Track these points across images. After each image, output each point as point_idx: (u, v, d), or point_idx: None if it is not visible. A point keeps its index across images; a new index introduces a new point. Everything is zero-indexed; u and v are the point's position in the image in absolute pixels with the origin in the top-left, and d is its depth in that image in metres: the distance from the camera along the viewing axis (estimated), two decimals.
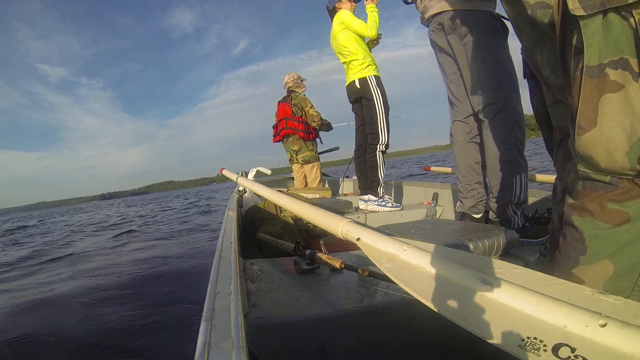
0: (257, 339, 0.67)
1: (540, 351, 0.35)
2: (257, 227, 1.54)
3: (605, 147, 0.48)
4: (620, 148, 0.47)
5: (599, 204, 0.51)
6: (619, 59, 0.46)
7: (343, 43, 2.23)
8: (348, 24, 2.20)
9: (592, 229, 0.52)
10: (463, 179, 1.51)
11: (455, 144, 1.51)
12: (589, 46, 0.48)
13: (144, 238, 4.84)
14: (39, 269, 3.41)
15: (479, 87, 1.33)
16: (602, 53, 0.48)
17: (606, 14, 0.47)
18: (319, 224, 0.80)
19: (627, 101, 0.46)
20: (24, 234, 8.36)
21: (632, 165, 0.47)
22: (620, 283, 0.50)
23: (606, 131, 0.48)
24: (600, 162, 0.49)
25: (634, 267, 0.49)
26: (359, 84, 2.20)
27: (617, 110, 0.47)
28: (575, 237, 0.54)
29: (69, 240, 5.80)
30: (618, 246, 0.50)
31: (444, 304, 0.45)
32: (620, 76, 0.46)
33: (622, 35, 0.46)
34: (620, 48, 0.46)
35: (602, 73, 0.48)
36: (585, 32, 0.48)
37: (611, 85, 0.47)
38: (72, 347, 1.51)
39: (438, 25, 1.40)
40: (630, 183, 0.48)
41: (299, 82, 3.39)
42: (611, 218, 0.50)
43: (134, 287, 2.26)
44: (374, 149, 2.18)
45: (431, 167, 3.85)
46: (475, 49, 1.31)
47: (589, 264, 0.53)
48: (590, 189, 0.52)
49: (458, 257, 0.53)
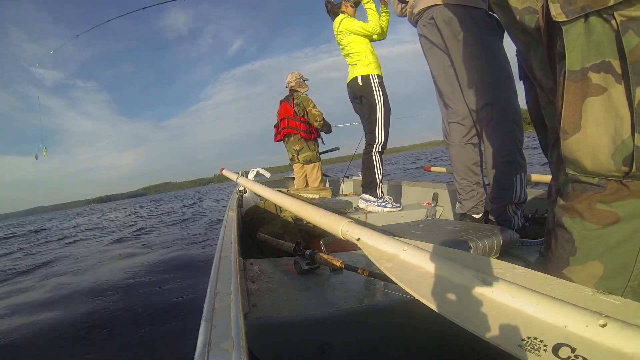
0: (257, 339, 0.67)
1: (540, 351, 0.35)
2: (257, 227, 1.54)
3: (591, 150, 0.49)
4: (605, 150, 0.47)
5: (587, 205, 0.51)
6: (601, 62, 0.46)
7: (345, 43, 2.23)
8: (350, 30, 2.19)
9: (582, 229, 0.52)
10: (462, 181, 1.49)
11: (452, 146, 1.48)
12: (571, 51, 0.49)
13: (143, 238, 4.85)
14: (41, 267, 3.41)
15: (476, 86, 1.31)
16: (585, 57, 0.48)
17: (587, 18, 0.47)
18: (319, 224, 0.80)
19: (610, 104, 0.46)
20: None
21: (617, 167, 0.47)
22: (610, 283, 0.50)
23: (590, 134, 0.48)
24: (586, 164, 0.50)
25: (624, 268, 0.49)
26: (361, 81, 2.16)
27: (601, 113, 0.47)
28: (565, 238, 0.55)
29: (69, 242, 5.80)
30: (607, 247, 0.50)
31: (444, 304, 0.45)
32: (603, 79, 0.47)
33: (604, 38, 0.46)
34: (602, 51, 0.46)
35: (584, 77, 0.48)
36: (567, 37, 0.49)
37: (594, 89, 0.47)
38: (72, 346, 1.51)
39: (430, 20, 1.36)
40: (618, 184, 0.48)
41: (301, 82, 3.38)
42: (600, 219, 0.50)
43: (134, 288, 2.27)
44: (370, 149, 2.16)
45: (431, 168, 3.82)
46: (472, 46, 1.28)
47: (578, 264, 0.53)
48: (579, 191, 0.53)
49: (458, 257, 0.53)
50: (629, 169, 0.46)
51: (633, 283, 0.49)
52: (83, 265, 3.34)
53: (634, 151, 0.45)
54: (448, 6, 1.30)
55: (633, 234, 0.48)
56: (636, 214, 0.48)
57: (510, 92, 1.28)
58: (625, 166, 0.46)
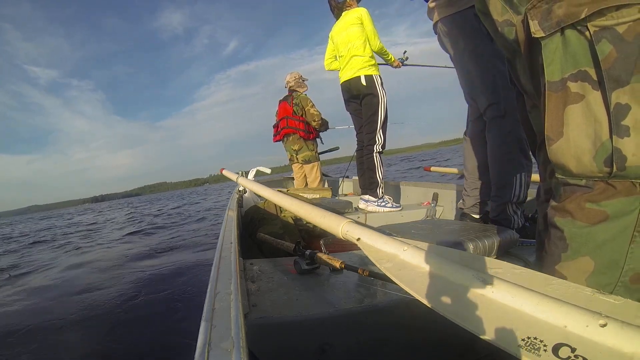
0: (257, 339, 0.67)
1: (540, 351, 0.35)
2: (257, 227, 1.54)
3: (574, 154, 0.52)
4: (587, 153, 0.50)
5: (577, 205, 0.54)
6: (578, 71, 0.49)
7: (354, 35, 2.19)
8: (367, 22, 2.17)
9: (572, 227, 0.55)
10: (469, 177, 1.52)
11: (466, 142, 1.53)
12: (549, 64, 0.52)
13: (143, 238, 4.84)
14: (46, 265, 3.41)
15: (478, 89, 1.35)
16: (563, 68, 0.51)
17: (564, 32, 0.50)
18: (319, 224, 0.80)
19: (588, 109, 0.49)
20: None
21: (600, 168, 0.49)
22: (601, 279, 0.52)
23: (572, 139, 0.51)
24: (571, 168, 0.53)
25: (615, 264, 0.51)
26: (365, 81, 2.14)
27: (581, 119, 0.50)
28: (557, 235, 0.57)
29: (69, 241, 5.80)
30: (597, 243, 0.52)
31: (444, 304, 0.45)
32: (581, 87, 0.50)
33: (579, 49, 0.49)
34: (578, 61, 0.49)
35: (564, 87, 0.51)
36: (545, 52, 0.52)
37: (573, 97, 0.50)
38: (72, 345, 1.51)
39: (438, 33, 1.44)
40: (605, 184, 0.51)
41: (300, 82, 3.39)
42: (589, 217, 0.52)
43: (134, 287, 2.27)
44: (370, 150, 2.17)
45: (431, 168, 3.84)
46: (468, 51, 1.33)
47: (570, 260, 0.55)
48: (569, 192, 0.56)
49: (458, 257, 0.53)
50: (610, 170, 0.48)
51: (624, 279, 0.51)
52: (79, 261, 3.34)
53: (612, 152, 0.47)
54: (446, 18, 1.35)
55: (622, 230, 0.50)
56: (624, 211, 0.50)
57: (508, 92, 1.29)
58: (607, 167, 0.48)
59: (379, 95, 2.14)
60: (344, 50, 2.25)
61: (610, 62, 0.46)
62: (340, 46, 2.28)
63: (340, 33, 2.28)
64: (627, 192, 0.49)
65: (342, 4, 2.30)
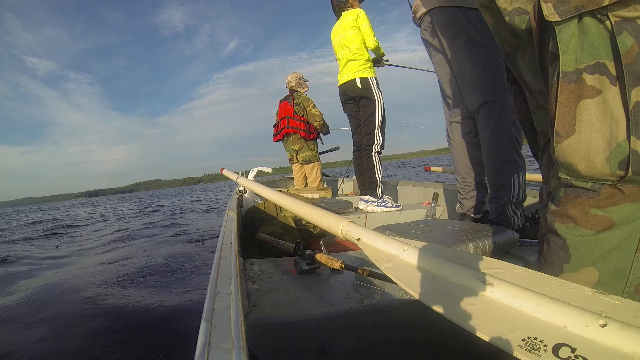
0: (257, 339, 0.67)
1: (540, 351, 0.35)
2: (257, 227, 1.54)
3: (585, 154, 0.47)
4: (600, 154, 0.46)
5: (581, 211, 0.50)
6: (596, 63, 0.45)
7: (349, 40, 2.23)
8: (361, 21, 2.20)
9: (575, 235, 0.51)
10: (463, 180, 1.49)
11: (454, 145, 1.49)
12: (564, 52, 0.47)
13: (143, 237, 4.84)
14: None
15: (473, 86, 1.32)
16: (579, 58, 0.47)
17: (581, 18, 0.46)
18: (319, 224, 0.80)
19: (605, 106, 0.45)
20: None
21: (613, 171, 0.46)
22: (606, 289, 0.49)
23: (585, 138, 0.47)
24: (580, 169, 0.49)
25: (620, 273, 0.48)
26: (360, 83, 2.19)
27: (596, 116, 0.46)
28: (558, 244, 0.54)
29: (69, 239, 5.79)
30: (602, 252, 0.49)
31: (444, 304, 0.45)
32: (598, 81, 0.45)
33: (599, 39, 0.45)
34: (596, 52, 0.45)
35: (579, 79, 0.47)
36: (561, 38, 0.47)
37: (588, 91, 0.46)
38: (72, 346, 1.51)
39: (430, 24, 1.38)
40: (613, 188, 0.47)
41: (301, 82, 3.40)
42: (594, 224, 0.49)
43: (133, 287, 2.26)
44: (369, 150, 2.19)
45: (431, 167, 3.88)
46: (468, 47, 1.29)
47: (573, 271, 0.52)
48: (572, 196, 0.51)
49: (458, 257, 0.53)
50: (625, 173, 0.45)
51: (629, 289, 0.48)
52: (79, 263, 3.34)
53: (630, 154, 0.44)
54: (444, 9, 1.32)
55: (628, 238, 0.47)
56: (630, 218, 0.47)
57: (506, 91, 1.28)
58: (621, 170, 0.45)
59: (375, 97, 2.18)
60: (341, 54, 2.31)
61: (633, 56, 0.42)
62: (337, 50, 2.35)
63: (337, 35, 2.34)
64: (635, 197, 0.46)
65: (343, 4, 2.31)
